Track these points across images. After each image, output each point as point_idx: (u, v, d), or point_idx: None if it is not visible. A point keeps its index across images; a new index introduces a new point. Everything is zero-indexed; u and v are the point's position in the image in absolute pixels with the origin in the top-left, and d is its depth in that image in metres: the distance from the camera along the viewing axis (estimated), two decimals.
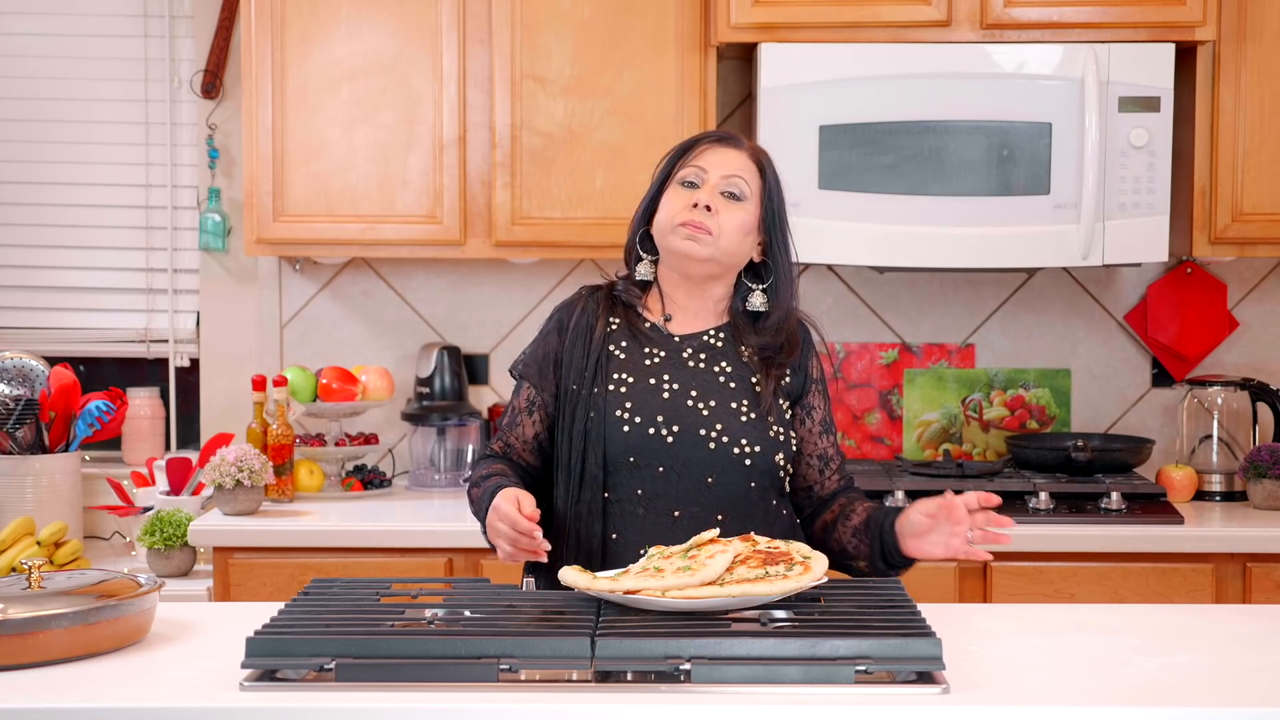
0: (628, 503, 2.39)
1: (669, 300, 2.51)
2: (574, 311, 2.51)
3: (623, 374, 2.43)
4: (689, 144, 2.50)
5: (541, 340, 2.52)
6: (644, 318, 2.50)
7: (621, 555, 2.36)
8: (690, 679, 1.87)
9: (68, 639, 2.01)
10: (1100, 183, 3.44)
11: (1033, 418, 3.96)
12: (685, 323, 2.50)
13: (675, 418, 2.39)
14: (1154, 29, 3.48)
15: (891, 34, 3.51)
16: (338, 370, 3.78)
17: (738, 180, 2.44)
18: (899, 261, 3.53)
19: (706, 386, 2.43)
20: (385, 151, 3.64)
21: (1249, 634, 2.23)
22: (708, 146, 2.48)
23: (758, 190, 2.46)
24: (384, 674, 1.88)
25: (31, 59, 4.08)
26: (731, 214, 2.43)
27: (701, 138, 2.51)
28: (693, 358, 2.46)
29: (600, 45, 3.60)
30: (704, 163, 2.46)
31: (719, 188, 2.43)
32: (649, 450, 2.37)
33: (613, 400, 2.41)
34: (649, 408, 2.40)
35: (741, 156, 2.48)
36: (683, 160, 2.47)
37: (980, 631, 2.22)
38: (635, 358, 2.45)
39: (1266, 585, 3.32)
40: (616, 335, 2.48)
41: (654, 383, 2.42)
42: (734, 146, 2.49)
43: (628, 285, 2.52)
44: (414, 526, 3.42)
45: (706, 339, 2.48)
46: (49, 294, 4.14)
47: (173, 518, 3.51)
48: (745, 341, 2.47)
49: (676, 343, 2.47)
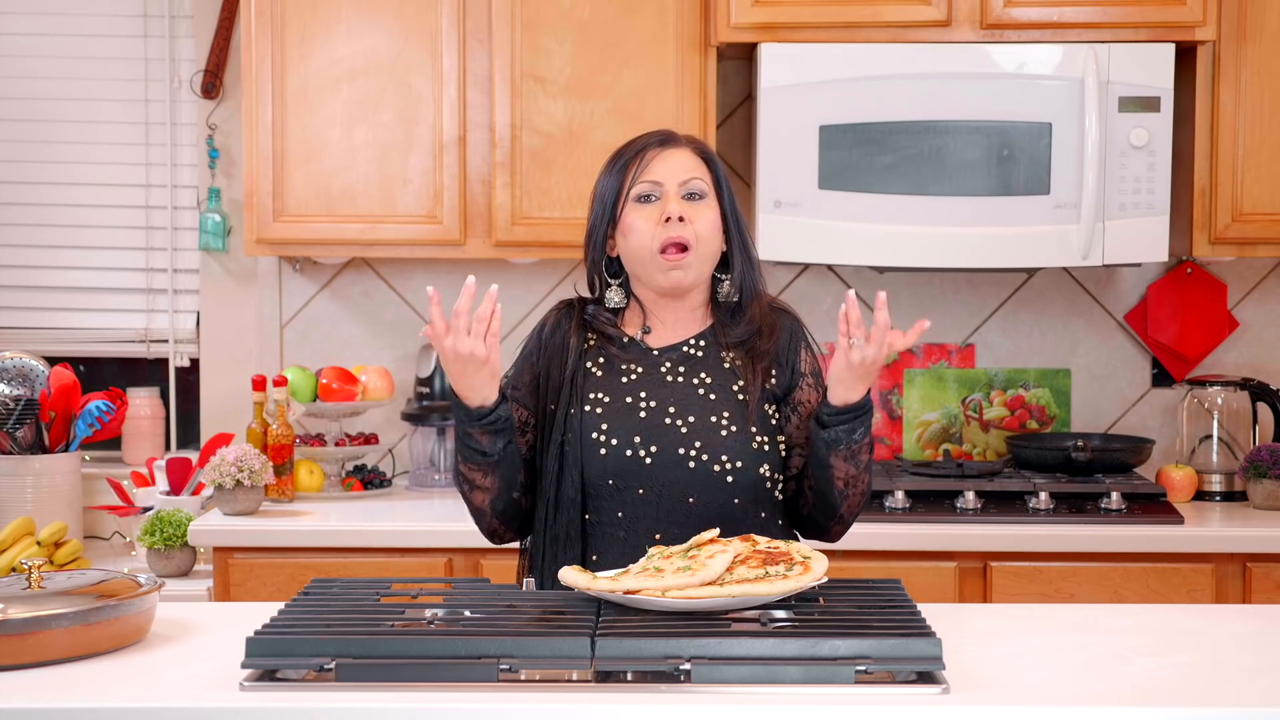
0: (609, 525, 2.34)
1: (649, 315, 2.44)
2: (548, 330, 2.44)
3: (599, 393, 2.37)
4: (631, 154, 2.41)
5: (523, 360, 2.45)
6: (620, 333, 2.43)
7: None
8: (690, 679, 1.87)
9: (68, 639, 2.01)
10: (1100, 183, 3.44)
11: (1033, 418, 3.96)
12: (665, 334, 2.43)
13: (653, 437, 2.33)
14: (1154, 29, 3.48)
15: (891, 34, 3.51)
16: (338, 370, 3.78)
17: (694, 181, 2.39)
18: (899, 261, 3.53)
19: (685, 402, 2.36)
20: (385, 151, 3.64)
21: (1249, 634, 2.23)
22: (654, 153, 2.39)
23: (712, 184, 2.41)
24: (384, 674, 1.88)
25: (31, 59, 4.09)
26: (702, 216, 2.37)
27: (644, 145, 2.41)
28: (671, 371, 2.39)
29: (600, 45, 3.60)
30: (655, 174, 2.38)
31: (680, 193, 2.37)
32: (627, 472, 2.31)
33: (589, 421, 2.35)
34: (626, 428, 2.34)
35: (688, 154, 2.41)
36: (630, 174, 2.39)
37: (980, 631, 2.22)
38: (612, 376, 2.39)
39: (1266, 585, 3.32)
40: (593, 352, 2.41)
41: (630, 401, 2.36)
42: (677, 146, 2.42)
43: (598, 311, 2.44)
44: (414, 526, 3.42)
45: (686, 349, 2.42)
46: (49, 294, 4.14)
47: (173, 518, 3.51)
48: (727, 339, 2.41)
49: (655, 356, 2.41)
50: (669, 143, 2.42)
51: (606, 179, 2.42)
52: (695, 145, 2.44)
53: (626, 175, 2.39)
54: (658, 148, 2.41)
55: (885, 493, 3.45)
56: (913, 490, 3.48)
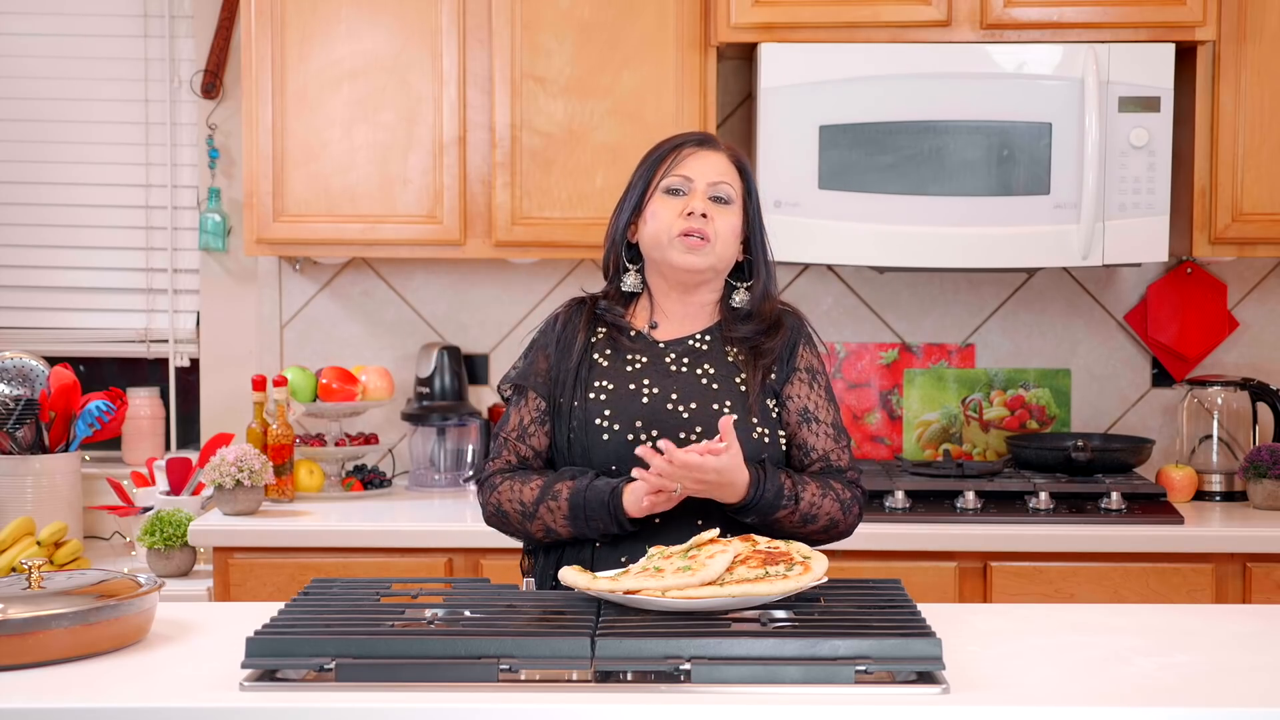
0: None
1: (658, 307, 2.50)
2: (560, 324, 2.49)
3: (604, 381, 2.43)
4: (669, 149, 2.48)
5: (538, 350, 2.50)
6: (629, 325, 2.49)
7: (609, 560, 2.35)
8: (690, 679, 1.87)
9: (68, 639, 2.01)
10: (1100, 183, 3.44)
11: (1033, 418, 3.96)
12: (673, 328, 2.49)
13: (654, 422, 2.38)
14: (1154, 29, 3.48)
15: (891, 34, 3.51)
16: (338, 370, 3.78)
17: (724, 185, 2.45)
18: (899, 261, 3.53)
19: (688, 389, 2.41)
20: (385, 151, 3.64)
21: (1249, 634, 2.23)
22: (690, 151, 2.46)
23: (740, 192, 2.47)
24: (384, 674, 1.88)
25: (31, 59, 4.08)
26: (725, 219, 2.43)
27: (683, 142, 2.48)
28: (675, 362, 2.45)
29: (600, 45, 3.60)
30: (688, 170, 2.45)
31: (708, 194, 2.44)
32: (630, 457, 2.34)
33: (593, 409, 2.40)
34: (628, 414, 2.39)
35: (723, 159, 2.47)
36: (664, 167, 2.46)
37: (980, 631, 2.22)
38: (617, 365, 2.44)
39: (1266, 585, 3.32)
40: (600, 344, 2.47)
41: (633, 388, 2.41)
42: (714, 149, 2.48)
43: (610, 305, 2.50)
44: (414, 526, 3.42)
45: (692, 343, 2.47)
46: (49, 294, 4.14)
47: (173, 518, 3.51)
48: (733, 334, 2.46)
49: (660, 348, 2.46)
50: (707, 144, 2.49)
51: (640, 170, 2.49)
52: (732, 152, 2.50)
53: (660, 167, 2.47)
54: (695, 147, 2.48)
55: (885, 493, 3.45)
56: (913, 490, 3.48)
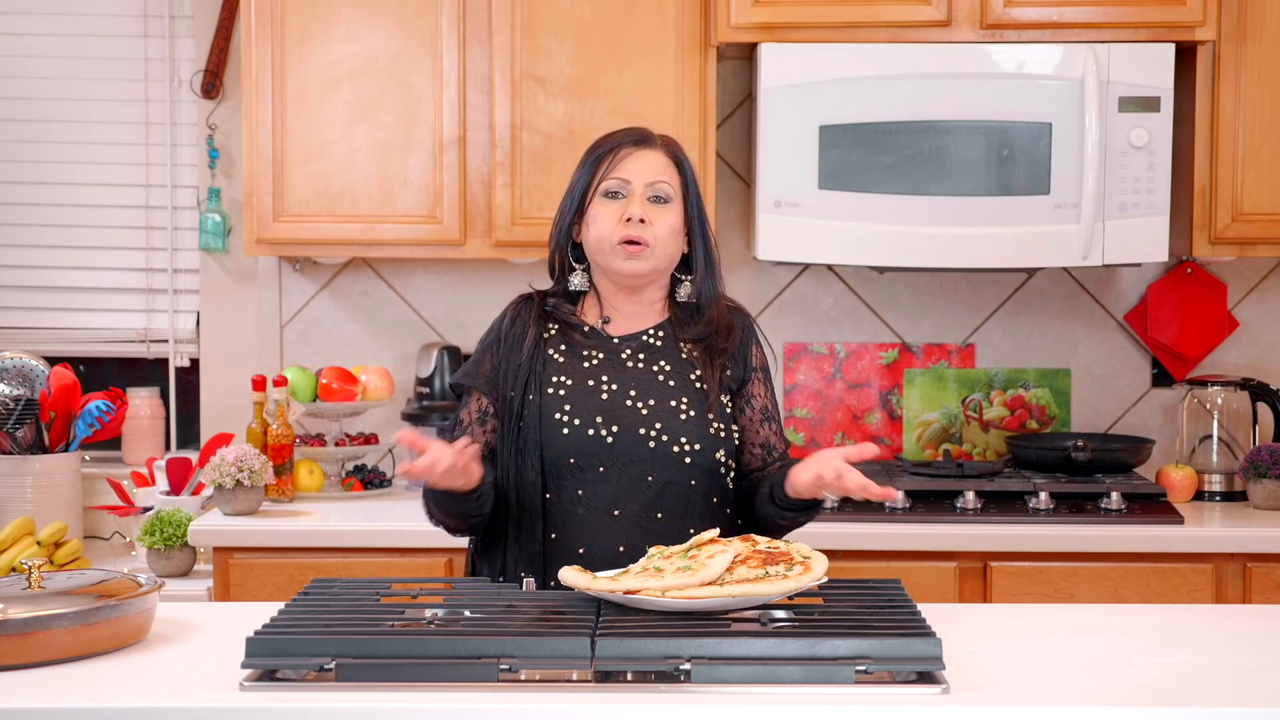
0: (569, 504, 2.40)
1: (607, 304, 2.52)
2: (508, 320, 2.51)
3: (561, 377, 2.44)
4: (606, 150, 2.49)
5: (484, 350, 2.52)
6: (581, 322, 2.51)
7: (561, 556, 2.37)
8: (690, 679, 1.87)
9: (68, 639, 2.01)
10: (1100, 183, 3.44)
11: (1033, 418, 3.96)
12: (624, 324, 2.51)
13: (614, 418, 2.40)
14: (1154, 29, 3.48)
15: (891, 34, 3.51)
16: (338, 370, 3.78)
17: (662, 184, 2.46)
18: (899, 261, 3.53)
19: (646, 386, 2.44)
20: (385, 151, 3.64)
21: (1249, 634, 2.23)
22: (627, 152, 2.47)
23: (679, 188, 2.48)
24: (384, 674, 1.88)
25: (31, 59, 4.08)
26: (663, 220, 2.45)
27: (620, 142, 2.49)
28: (631, 358, 2.47)
29: (600, 45, 3.60)
30: (625, 171, 2.46)
31: (646, 195, 2.45)
32: (589, 451, 2.38)
33: (551, 403, 2.41)
34: (588, 409, 2.41)
35: (660, 157, 2.49)
36: (602, 169, 2.47)
37: (980, 631, 2.22)
38: (573, 361, 2.46)
39: (1266, 585, 3.32)
40: (554, 340, 2.49)
41: (593, 384, 2.44)
42: (651, 147, 2.49)
43: (559, 303, 2.52)
44: (414, 526, 3.41)
45: (645, 339, 2.50)
46: (49, 294, 4.14)
47: (173, 518, 3.51)
48: (684, 335, 2.49)
49: (615, 344, 2.49)
50: (644, 143, 2.50)
51: (580, 170, 2.51)
52: (669, 148, 2.52)
53: (598, 169, 2.49)
54: (632, 146, 2.49)
55: None
56: (913, 490, 3.48)
